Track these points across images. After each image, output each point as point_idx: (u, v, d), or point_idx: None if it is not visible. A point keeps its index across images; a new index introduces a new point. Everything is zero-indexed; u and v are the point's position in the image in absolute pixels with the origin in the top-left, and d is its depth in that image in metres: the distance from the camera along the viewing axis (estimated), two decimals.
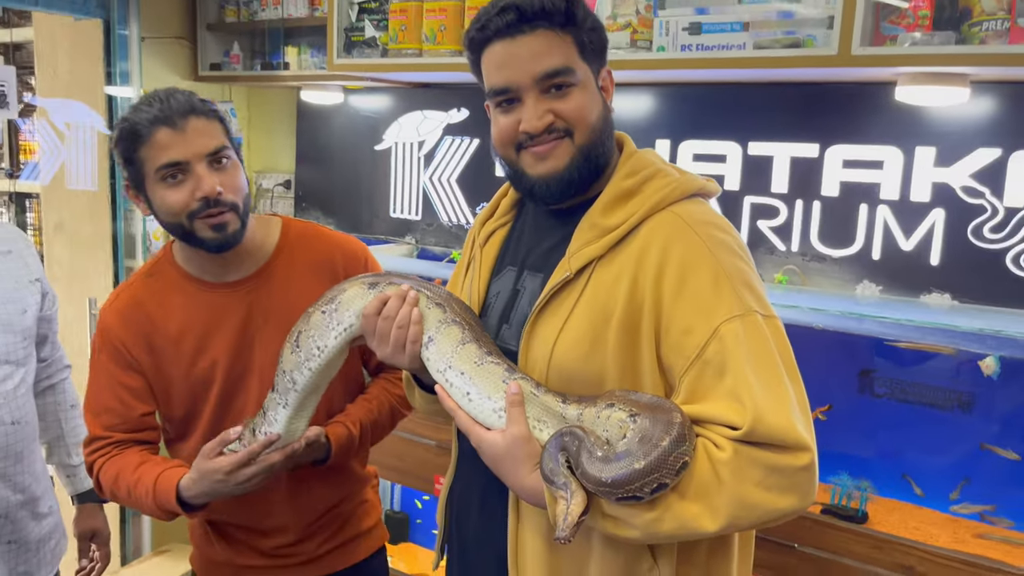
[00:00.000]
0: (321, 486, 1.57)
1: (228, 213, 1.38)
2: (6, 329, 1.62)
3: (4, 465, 1.62)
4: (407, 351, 1.21)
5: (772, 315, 1.12)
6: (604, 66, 1.21)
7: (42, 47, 2.84)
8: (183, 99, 1.37)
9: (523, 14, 1.13)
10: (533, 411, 1.13)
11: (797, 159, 2.12)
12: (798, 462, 1.02)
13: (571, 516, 1.02)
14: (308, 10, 2.76)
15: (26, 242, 1.76)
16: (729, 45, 1.83)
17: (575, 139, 1.16)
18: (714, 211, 1.20)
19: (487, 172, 2.75)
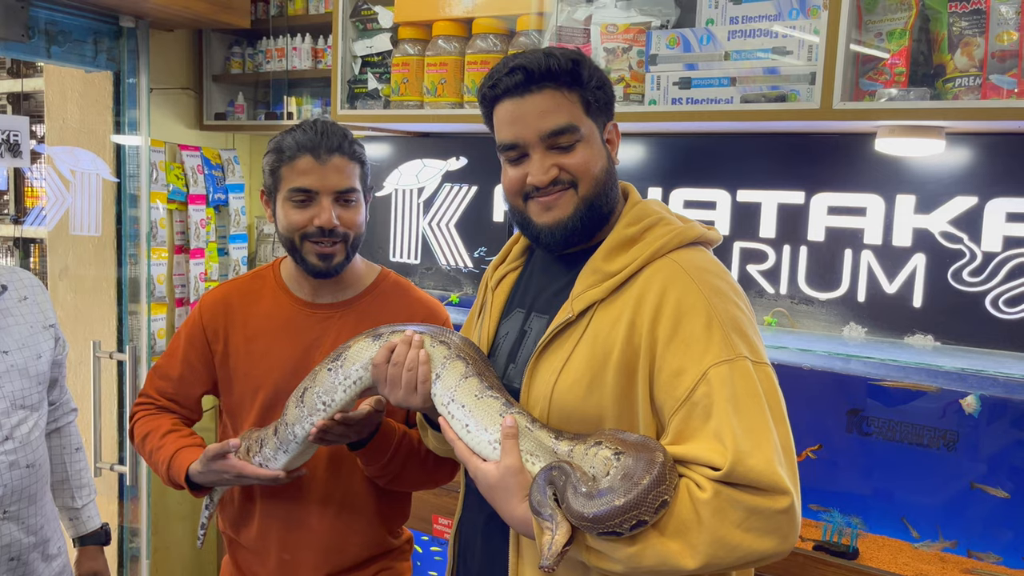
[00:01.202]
0: (354, 547, 1.62)
1: (338, 244, 1.52)
2: (23, 374, 1.66)
3: (18, 508, 1.64)
4: (419, 391, 1.27)
5: (763, 362, 1.16)
6: (610, 120, 1.29)
7: (52, 97, 2.92)
8: (336, 135, 1.52)
9: (530, 75, 1.21)
10: (526, 444, 1.18)
11: (784, 206, 2.20)
12: (777, 505, 1.05)
13: (555, 546, 1.06)
14: (311, 63, 2.86)
15: (41, 288, 1.81)
16: (717, 99, 1.92)
17: (579, 190, 1.23)
18: (713, 259, 1.26)
19: (485, 218, 2.83)
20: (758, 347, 1.17)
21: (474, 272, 2.87)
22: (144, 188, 2.84)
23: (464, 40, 2.36)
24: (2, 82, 3.26)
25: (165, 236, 2.92)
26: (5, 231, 3.35)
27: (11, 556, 1.63)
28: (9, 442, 1.61)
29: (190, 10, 2.60)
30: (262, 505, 1.62)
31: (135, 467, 2.85)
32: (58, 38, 2.57)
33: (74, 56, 2.64)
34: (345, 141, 1.53)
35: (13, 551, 1.63)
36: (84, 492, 1.92)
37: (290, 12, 2.90)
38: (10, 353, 1.64)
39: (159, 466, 1.58)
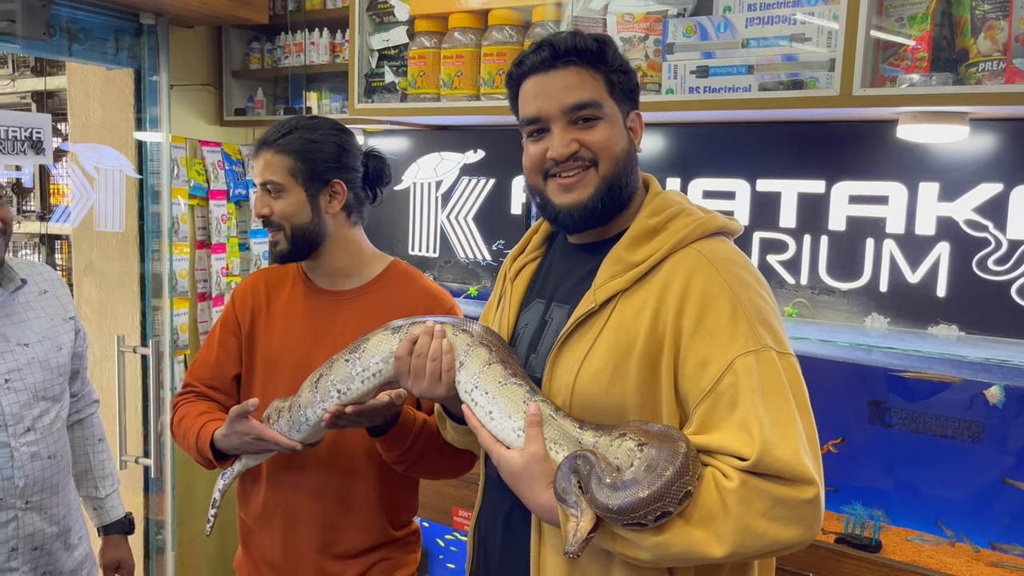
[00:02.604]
0: (353, 532, 1.66)
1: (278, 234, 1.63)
2: (44, 366, 1.68)
3: (41, 498, 1.67)
4: (443, 380, 1.28)
5: (788, 352, 1.16)
6: (634, 109, 1.30)
7: (75, 95, 2.95)
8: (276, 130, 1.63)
9: (556, 50, 1.23)
10: (550, 433, 1.18)
11: (804, 195, 2.17)
12: (803, 495, 1.06)
13: (580, 532, 1.07)
14: (329, 57, 2.86)
15: (61, 282, 1.84)
16: (735, 87, 1.91)
17: (599, 169, 1.24)
18: (736, 249, 1.26)
19: (503, 210, 2.83)
20: (782, 337, 1.17)
21: (492, 265, 2.87)
22: (166, 184, 2.86)
23: (480, 32, 2.35)
24: (26, 80, 3.30)
25: (187, 231, 2.95)
26: (32, 228, 3.41)
27: (34, 546, 1.66)
28: (31, 433, 1.63)
29: (209, 6, 2.61)
30: (267, 483, 1.67)
31: (160, 460, 2.89)
32: (79, 36, 2.60)
33: (95, 54, 2.66)
34: (279, 135, 1.63)
35: (36, 540, 1.66)
36: (107, 482, 1.95)
37: (308, 7, 2.90)
38: (31, 346, 1.67)
39: (189, 440, 1.63)
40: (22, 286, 1.68)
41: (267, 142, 1.62)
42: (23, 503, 1.62)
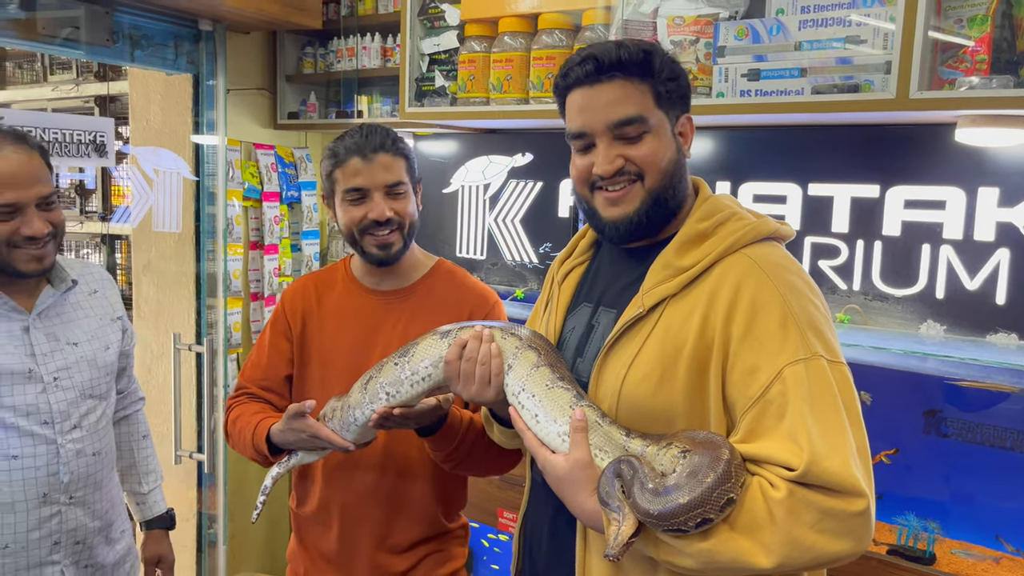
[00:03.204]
0: (409, 519, 1.69)
1: (394, 233, 1.65)
2: (91, 365, 1.72)
3: (85, 493, 1.70)
4: (492, 384, 1.29)
5: (839, 360, 1.14)
6: (685, 113, 1.28)
7: (136, 99, 3.05)
8: (378, 136, 1.65)
9: (601, 65, 1.21)
10: (596, 439, 1.18)
11: (857, 199, 2.14)
12: (853, 507, 1.04)
13: (621, 536, 1.07)
14: (381, 61, 2.90)
15: (110, 282, 1.88)
16: (787, 91, 1.88)
17: (645, 183, 1.23)
18: (787, 254, 1.24)
19: (550, 213, 2.83)
20: (834, 346, 1.15)
21: (539, 268, 2.88)
22: (221, 186, 2.94)
23: (530, 36, 2.36)
24: (89, 85, 3.41)
25: (241, 232, 3.02)
26: (93, 228, 3.52)
27: (76, 540, 1.69)
28: (77, 430, 1.67)
29: (265, 12, 2.67)
30: (323, 479, 1.71)
31: (213, 455, 2.96)
32: (141, 42, 2.68)
33: (156, 59, 2.75)
34: (388, 139, 1.65)
35: (79, 535, 1.70)
36: (151, 478, 1.99)
37: (360, 12, 2.95)
38: (80, 345, 1.71)
39: (245, 438, 1.67)
40: (73, 286, 1.72)
41: (382, 145, 1.64)
42: (67, 498, 1.66)
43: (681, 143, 1.27)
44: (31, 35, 2.39)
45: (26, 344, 1.62)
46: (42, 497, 1.62)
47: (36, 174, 1.58)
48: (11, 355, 1.60)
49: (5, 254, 1.57)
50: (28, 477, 1.60)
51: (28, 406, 1.60)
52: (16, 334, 1.62)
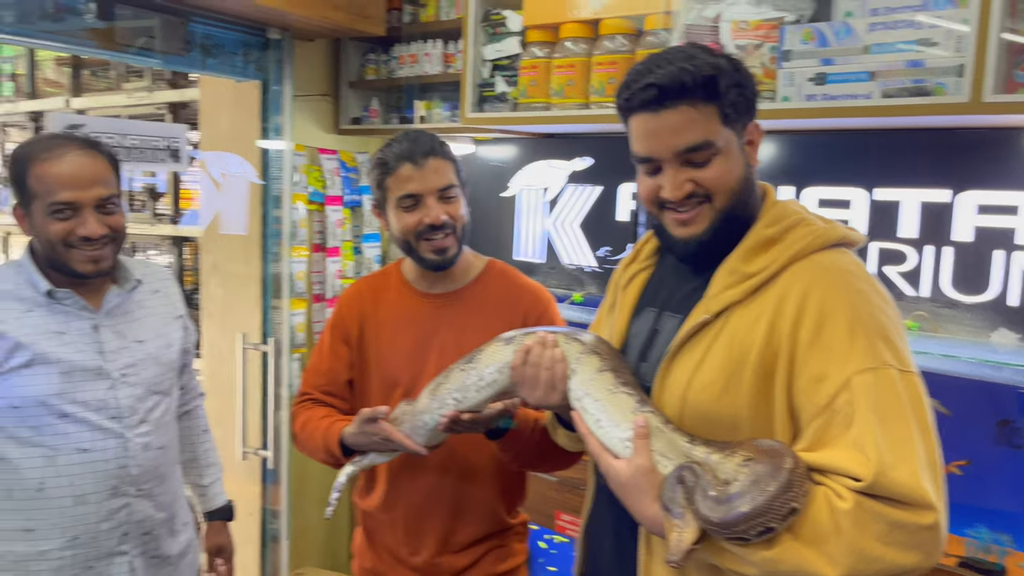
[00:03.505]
0: (470, 520, 1.72)
1: (449, 236, 1.67)
2: (156, 362, 1.77)
3: (151, 486, 1.74)
4: (557, 389, 1.30)
5: (910, 370, 1.12)
6: (752, 120, 1.25)
7: (206, 106, 3.14)
8: (426, 142, 1.66)
9: (664, 92, 1.18)
10: (658, 445, 1.18)
11: (927, 204, 2.10)
12: (922, 520, 1.02)
13: (683, 543, 1.07)
14: (442, 67, 2.94)
15: (172, 281, 1.92)
16: (855, 95, 1.86)
17: (715, 204, 1.22)
18: (857, 261, 1.22)
19: (609, 218, 2.84)
20: (905, 355, 1.13)
21: (598, 272, 2.89)
22: (286, 190, 3.01)
23: (592, 41, 2.38)
24: (162, 92, 3.53)
25: (305, 235, 3.09)
26: (164, 230, 3.63)
27: (144, 531, 1.75)
28: (144, 425, 1.72)
29: (330, 20, 2.73)
30: (388, 479, 1.74)
31: (277, 452, 3.03)
32: (213, 51, 2.76)
33: (226, 67, 2.83)
34: (436, 143, 1.67)
35: (146, 526, 1.75)
36: (211, 471, 2.05)
37: (422, 19, 2.99)
38: (145, 343, 1.76)
39: (317, 442, 1.69)
40: (137, 286, 1.77)
41: (432, 150, 1.66)
42: (135, 490, 1.71)
43: (749, 152, 1.25)
44: (109, 44, 2.49)
45: (95, 342, 1.67)
46: (112, 489, 1.67)
47: (97, 177, 1.61)
48: (82, 352, 1.64)
49: (62, 253, 1.61)
50: (98, 470, 1.65)
51: (98, 401, 1.65)
52: (86, 332, 1.66)
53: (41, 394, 1.59)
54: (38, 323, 1.62)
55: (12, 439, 1.61)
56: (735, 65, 1.22)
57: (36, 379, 1.59)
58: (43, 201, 1.58)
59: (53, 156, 1.58)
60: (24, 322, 1.60)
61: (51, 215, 1.58)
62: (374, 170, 1.70)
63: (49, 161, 1.58)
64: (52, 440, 1.61)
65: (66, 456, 1.62)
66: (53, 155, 1.58)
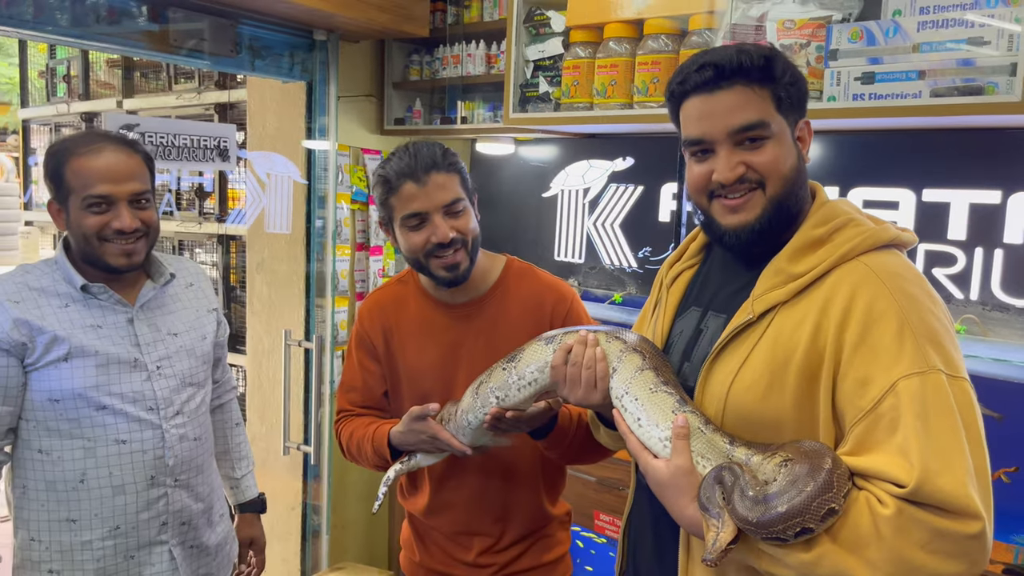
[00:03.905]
0: (518, 513, 1.73)
1: (459, 252, 1.61)
2: (190, 354, 1.80)
3: (188, 477, 1.78)
4: (598, 388, 1.29)
5: (960, 376, 1.09)
6: (803, 117, 1.25)
7: (253, 106, 3.20)
8: (427, 155, 1.59)
9: (721, 71, 1.18)
10: (698, 446, 1.17)
11: (977, 206, 2.06)
12: (967, 529, 1.00)
13: (720, 542, 1.06)
14: (485, 68, 2.97)
15: (204, 276, 1.96)
16: (904, 94, 1.84)
17: (767, 190, 1.20)
18: (908, 263, 1.19)
19: (650, 218, 2.83)
20: (955, 360, 1.10)
21: (638, 272, 2.88)
22: (331, 190, 3.06)
23: (635, 41, 2.38)
24: (210, 93, 3.60)
25: (348, 234, 3.13)
26: (211, 229, 3.71)
27: (182, 521, 1.79)
28: (179, 416, 1.75)
29: (375, 22, 2.77)
30: (432, 483, 1.75)
31: (318, 448, 3.08)
32: (260, 52, 2.82)
33: (273, 68, 2.88)
34: (438, 156, 1.60)
35: (184, 516, 1.79)
36: (243, 464, 2.08)
37: (465, 20, 3.02)
38: (179, 335, 1.79)
39: (365, 449, 1.69)
40: (171, 280, 1.81)
41: (434, 165, 1.59)
42: (172, 481, 1.75)
43: (800, 148, 1.24)
44: (161, 47, 2.55)
45: (131, 335, 1.71)
46: (150, 480, 1.71)
47: (131, 172, 1.65)
48: (119, 345, 1.68)
49: (96, 247, 1.64)
50: (136, 461, 1.69)
51: (135, 393, 1.69)
52: (122, 325, 1.70)
53: (79, 387, 1.63)
54: (75, 317, 1.65)
55: (53, 432, 1.65)
56: (788, 61, 1.23)
57: (74, 372, 1.63)
58: (79, 195, 1.62)
59: (90, 152, 1.62)
60: (61, 316, 1.64)
61: (86, 208, 1.62)
62: (376, 188, 1.65)
63: (86, 156, 1.61)
64: (91, 432, 1.65)
65: (105, 447, 1.66)
66: (90, 151, 1.62)
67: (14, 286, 1.65)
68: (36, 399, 1.63)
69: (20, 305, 1.62)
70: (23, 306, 1.62)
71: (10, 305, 1.61)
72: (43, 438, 1.65)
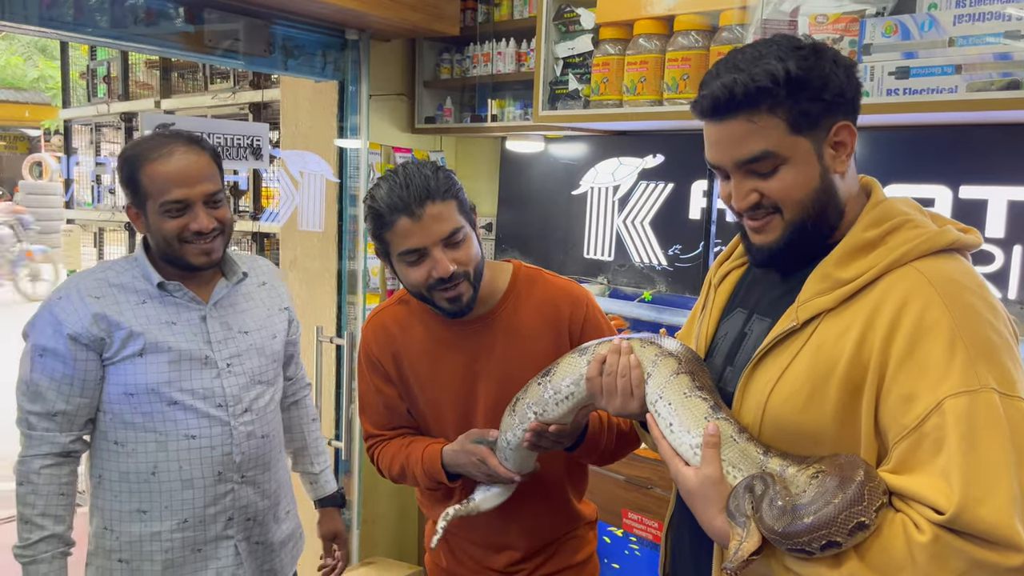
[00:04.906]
0: (548, 517, 1.72)
1: (462, 284, 1.53)
2: (260, 353, 1.83)
3: (255, 474, 1.81)
4: (635, 396, 1.26)
5: (1016, 395, 1.02)
6: (839, 122, 1.13)
7: (286, 106, 3.25)
8: (420, 184, 1.47)
9: (717, 105, 1.12)
10: (729, 455, 1.14)
11: (1015, 203, 2.02)
12: (1008, 562, 0.95)
13: (742, 552, 1.04)
14: (515, 66, 2.97)
15: (278, 275, 2.00)
16: (939, 88, 1.80)
17: (784, 216, 1.15)
18: (968, 269, 1.11)
19: (680, 215, 2.82)
20: (1012, 377, 1.02)
21: (668, 270, 2.87)
22: (363, 188, 3.08)
23: (665, 38, 2.36)
24: (244, 93, 3.66)
25: None
26: (245, 226, 3.76)
27: (248, 517, 1.81)
28: (248, 414, 1.78)
29: (407, 21, 2.79)
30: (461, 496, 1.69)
31: (349, 443, 3.11)
32: (293, 52, 2.85)
33: (306, 68, 2.92)
34: (432, 184, 1.48)
35: (250, 512, 1.82)
36: (321, 459, 2.11)
37: (496, 18, 3.03)
38: (250, 333, 1.83)
39: (414, 469, 1.65)
40: (244, 278, 1.84)
41: (429, 195, 1.46)
42: (239, 477, 1.78)
43: (833, 158, 1.14)
44: (197, 47, 2.60)
45: (203, 332, 1.75)
46: (217, 475, 1.74)
47: (204, 173, 1.68)
48: (191, 342, 1.73)
49: (177, 248, 1.69)
50: (205, 456, 1.73)
51: (204, 390, 1.73)
52: (195, 323, 1.75)
53: (152, 382, 1.67)
54: (151, 314, 1.70)
55: (128, 425, 1.69)
56: (813, 63, 1.10)
57: (148, 367, 1.67)
58: (156, 201, 1.65)
59: (162, 156, 1.65)
60: (138, 312, 1.69)
61: (164, 213, 1.66)
62: (368, 220, 1.54)
63: (159, 161, 1.65)
64: (162, 426, 1.69)
65: (175, 442, 1.70)
66: (162, 155, 1.65)
67: (95, 282, 1.70)
68: (112, 392, 1.68)
69: (100, 301, 1.67)
70: (103, 302, 1.67)
71: (91, 300, 1.66)
72: (118, 430, 1.70)
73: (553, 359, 1.49)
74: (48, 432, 1.67)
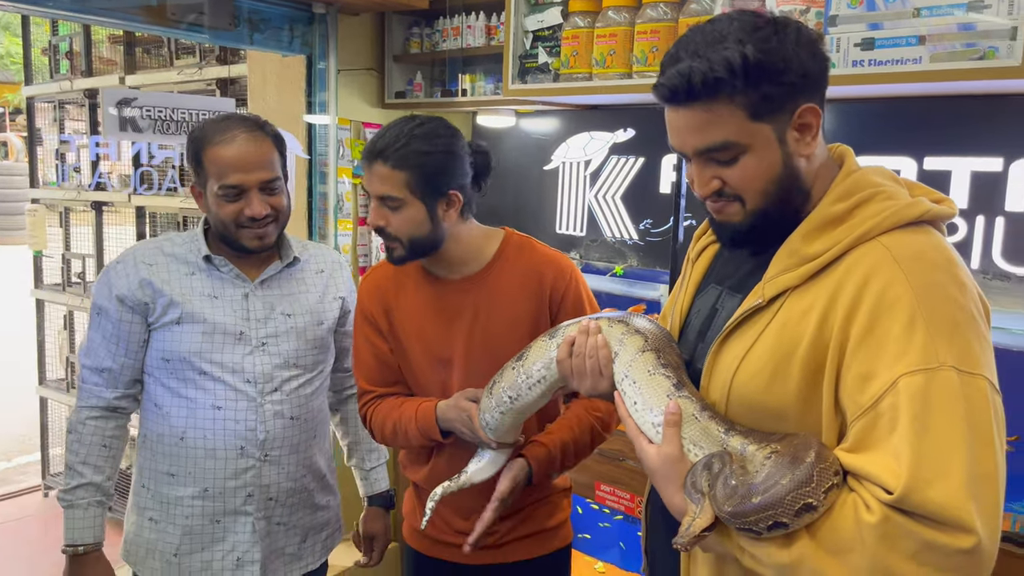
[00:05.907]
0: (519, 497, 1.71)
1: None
2: (300, 337, 1.84)
3: (280, 454, 1.81)
4: (604, 375, 1.26)
5: (977, 373, 0.99)
6: (805, 104, 1.09)
7: (254, 81, 3.20)
8: None
9: (674, 94, 1.10)
10: (691, 432, 1.13)
11: (978, 173, 2.05)
12: (958, 543, 0.94)
13: (694, 528, 1.05)
14: (485, 40, 2.95)
15: (341, 265, 1.99)
16: (904, 59, 1.82)
17: (746, 204, 1.14)
18: (938, 243, 1.08)
19: (651, 189, 2.82)
20: (975, 354, 1.00)
21: (639, 244, 2.88)
22: (332, 164, 3.06)
23: (634, 10, 2.36)
24: (211, 68, 3.59)
25: (350, 209, 3.14)
26: None
27: (268, 496, 1.81)
28: (277, 394, 1.80)
29: None
30: (435, 457, 1.75)
31: None
32: (259, 26, 2.81)
33: (272, 42, 2.87)
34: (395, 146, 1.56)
35: (271, 492, 1.81)
36: (373, 455, 2.09)
37: None
38: (293, 316, 1.84)
39: (407, 428, 1.67)
40: (295, 263, 1.86)
41: (382, 153, 1.56)
42: (262, 455, 1.78)
43: (797, 141, 1.11)
44: (161, 21, 2.55)
45: (243, 309, 1.79)
46: (239, 450, 1.77)
47: (262, 160, 1.71)
48: (228, 316, 1.77)
49: (233, 232, 1.74)
50: (229, 428, 1.76)
51: (234, 364, 1.77)
52: (237, 299, 1.79)
53: (185, 350, 1.74)
54: (196, 285, 1.78)
55: (165, 389, 1.78)
56: (774, 45, 1.06)
57: (183, 335, 1.75)
58: (214, 183, 1.71)
59: (224, 140, 1.70)
60: (184, 283, 1.77)
61: (221, 197, 1.71)
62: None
63: (221, 144, 1.70)
64: (193, 393, 1.76)
65: (203, 410, 1.76)
66: (224, 139, 1.70)
67: (150, 250, 1.80)
68: (153, 356, 1.78)
69: (152, 268, 1.77)
70: (154, 269, 1.77)
71: (143, 267, 1.76)
72: (158, 393, 1.78)
73: (532, 323, 1.50)
74: (96, 387, 1.78)
